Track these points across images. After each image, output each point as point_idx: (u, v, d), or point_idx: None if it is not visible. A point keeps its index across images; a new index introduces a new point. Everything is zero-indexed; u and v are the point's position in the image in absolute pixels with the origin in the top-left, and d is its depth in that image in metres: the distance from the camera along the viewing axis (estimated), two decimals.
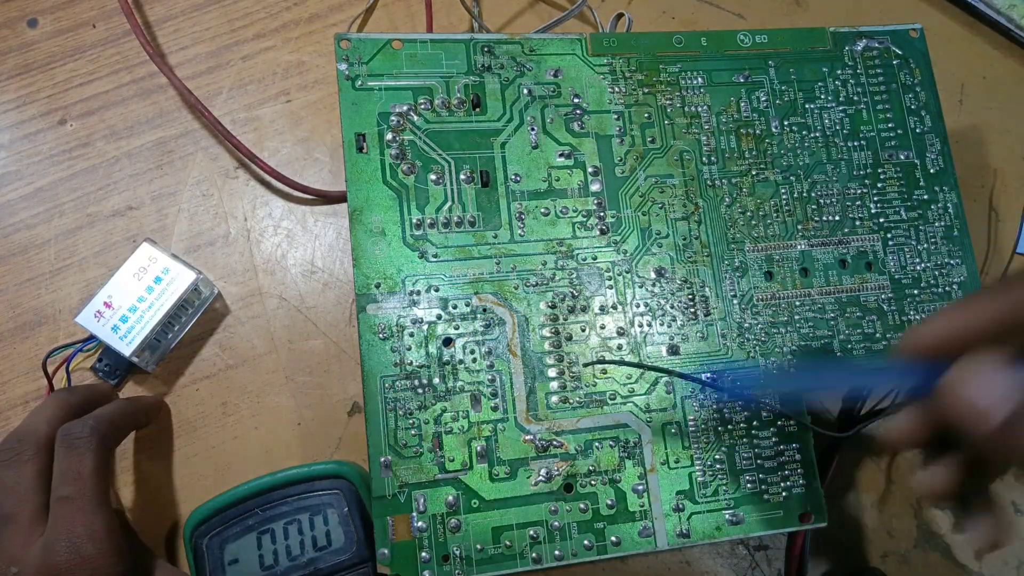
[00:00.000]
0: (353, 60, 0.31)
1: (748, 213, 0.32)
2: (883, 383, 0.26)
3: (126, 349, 0.33)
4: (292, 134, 0.39)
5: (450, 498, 0.28)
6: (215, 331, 0.36)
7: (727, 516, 0.29)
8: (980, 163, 0.42)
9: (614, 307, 0.31)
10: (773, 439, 0.30)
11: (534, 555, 0.28)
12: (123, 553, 0.28)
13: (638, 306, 0.31)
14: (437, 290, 0.29)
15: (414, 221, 0.30)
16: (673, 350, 0.31)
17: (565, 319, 0.30)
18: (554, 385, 0.29)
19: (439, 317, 0.29)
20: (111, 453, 0.30)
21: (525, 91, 0.32)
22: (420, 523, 0.27)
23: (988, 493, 0.22)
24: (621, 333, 0.30)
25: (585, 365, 0.30)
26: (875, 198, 0.34)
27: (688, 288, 0.31)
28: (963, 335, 0.21)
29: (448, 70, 0.31)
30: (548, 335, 0.30)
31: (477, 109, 0.31)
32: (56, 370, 0.34)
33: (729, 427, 0.30)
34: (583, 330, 0.30)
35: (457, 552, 0.27)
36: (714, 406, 0.30)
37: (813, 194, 0.33)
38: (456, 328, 0.29)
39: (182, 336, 0.36)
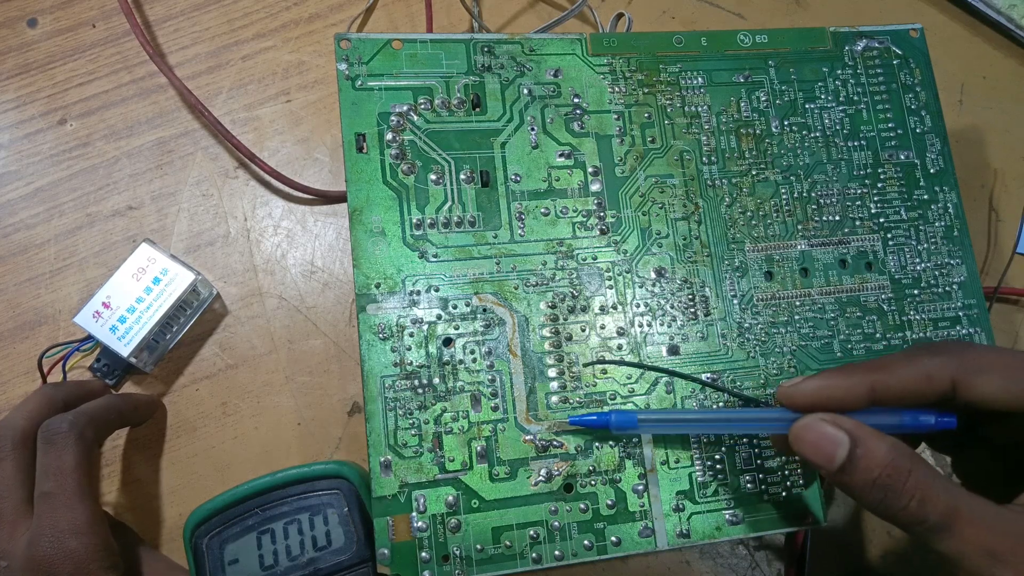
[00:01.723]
0: (353, 60, 0.31)
1: (748, 213, 0.32)
2: (760, 428, 0.28)
3: (124, 350, 0.33)
4: (292, 134, 0.39)
5: (450, 498, 0.28)
6: (215, 331, 0.36)
7: (727, 516, 0.29)
8: (980, 163, 0.42)
9: (614, 307, 0.31)
10: None
11: (534, 555, 0.28)
12: (109, 546, 0.28)
13: (638, 306, 0.31)
14: (437, 290, 0.29)
15: (414, 221, 0.30)
16: (673, 350, 0.31)
17: (565, 319, 0.30)
18: (554, 385, 0.29)
19: (439, 317, 0.29)
20: (94, 448, 0.30)
21: (525, 91, 0.32)
22: (420, 523, 0.27)
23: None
24: (621, 333, 0.30)
25: (585, 365, 0.30)
26: (875, 198, 0.33)
27: (688, 288, 0.31)
28: (830, 396, 0.25)
29: (448, 70, 0.31)
30: (548, 335, 0.30)
31: (477, 109, 0.31)
32: (52, 368, 0.35)
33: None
34: (583, 330, 0.30)
35: (457, 552, 0.27)
36: (714, 406, 0.30)
37: (813, 194, 0.33)
38: (456, 328, 0.29)
39: (181, 336, 0.36)
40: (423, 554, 0.27)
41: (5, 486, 0.29)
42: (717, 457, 0.30)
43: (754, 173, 0.33)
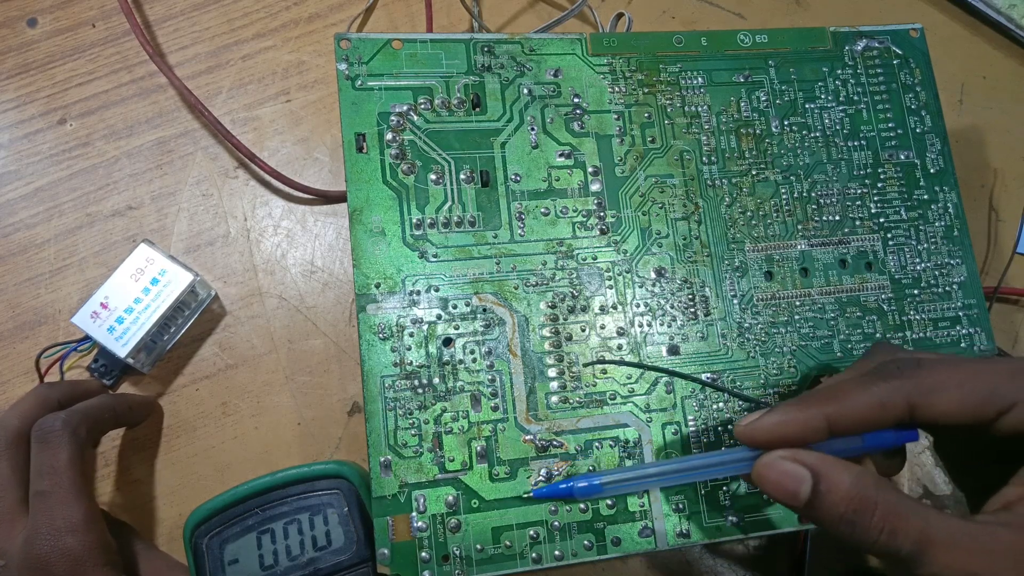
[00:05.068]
0: (353, 60, 0.31)
1: (748, 213, 0.32)
2: (723, 472, 0.27)
3: (121, 350, 0.33)
4: (292, 134, 0.39)
5: (450, 498, 0.28)
6: (215, 331, 0.36)
7: (727, 516, 0.29)
8: (980, 163, 0.42)
9: (614, 307, 0.31)
10: None
11: (534, 555, 0.28)
12: (106, 543, 0.28)
13: (638, 306, 0.31)
14: (437, 290, 0.29)
15: (414, 221, 0.30)
16: (673, 350, 0.31)
17: (565, 319, 0.30)
18: (554, 385, 0.29)
19: (439, 317, 0.29)
20: (87, 446, 0.30)
21: (525, 91, 0.32)
22: (420, 523, 0.27)
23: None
24: (621, 333, 0.30)
25: (585, 365, 0.30)
26: (875, 198, 0.33)
27: (688, 288, 0.31)
28: (787, 433, 0.24)
29: (448, 70, 0.31)
30: (548, 335, 0.30)
31: (477, 109, 0.31)
32: (49, 368, 0.35)
33: (729, 427, 0.30)
34: (583, 330, 0.30)
35: (457, 552, 0.27)
36: (714, 406, 0.30)
37: (813, 194, 0.33)
38: (456, 328, 0.29)
39: (179, 337, 0.36)
40: (423, 554, 0.27)
41: (0, 486, 0.29)
42: None
43: (754, 173, 0.33)
